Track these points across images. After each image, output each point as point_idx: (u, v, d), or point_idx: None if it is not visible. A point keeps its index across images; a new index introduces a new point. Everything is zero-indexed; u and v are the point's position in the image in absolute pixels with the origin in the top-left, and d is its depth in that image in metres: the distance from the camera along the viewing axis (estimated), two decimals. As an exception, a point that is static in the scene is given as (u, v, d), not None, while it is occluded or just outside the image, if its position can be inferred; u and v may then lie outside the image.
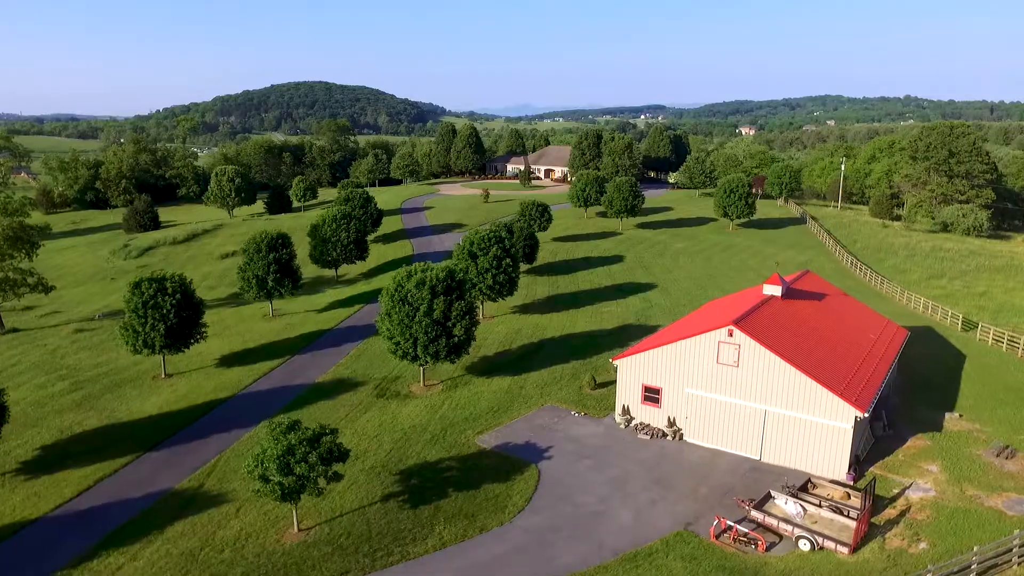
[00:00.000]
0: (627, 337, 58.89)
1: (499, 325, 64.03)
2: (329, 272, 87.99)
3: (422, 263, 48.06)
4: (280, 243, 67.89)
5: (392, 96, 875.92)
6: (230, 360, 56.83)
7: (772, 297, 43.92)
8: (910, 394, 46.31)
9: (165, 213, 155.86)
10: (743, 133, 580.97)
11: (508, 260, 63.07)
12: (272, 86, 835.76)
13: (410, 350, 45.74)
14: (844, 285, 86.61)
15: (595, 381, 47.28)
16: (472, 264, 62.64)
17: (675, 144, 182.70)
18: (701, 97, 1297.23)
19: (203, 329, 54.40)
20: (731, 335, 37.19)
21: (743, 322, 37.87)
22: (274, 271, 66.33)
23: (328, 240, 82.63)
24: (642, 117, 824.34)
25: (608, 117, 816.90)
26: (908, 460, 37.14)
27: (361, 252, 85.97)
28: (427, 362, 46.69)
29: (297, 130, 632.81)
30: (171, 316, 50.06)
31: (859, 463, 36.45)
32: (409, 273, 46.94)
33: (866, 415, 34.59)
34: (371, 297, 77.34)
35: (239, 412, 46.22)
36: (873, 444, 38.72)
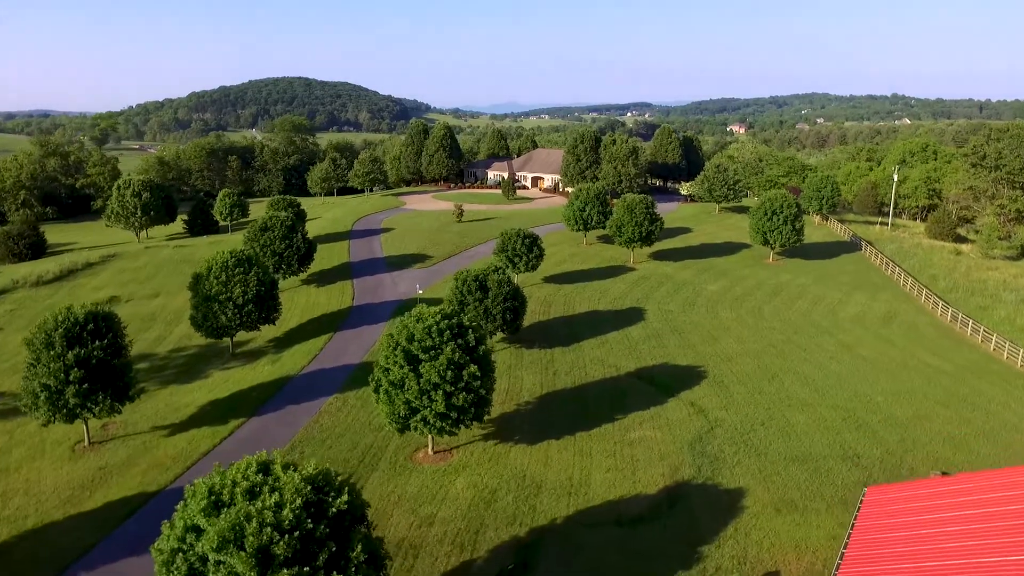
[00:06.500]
0: (688, 530, 32.06)
1: (458, 477, 37.07)
2: (224, 340, 60.57)
3: (261, 456, 20.97)
4: (92, 330, 40.37)
5: (375, 92, 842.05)
6: (-66, 587, 29.59)
7: None
8: None
9: (68, 233, 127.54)
10: (734, 131, 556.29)
11: (474, 368, 36.11)
12: (250, 82, 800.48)
13: None
14: (967, 359, 60.07)
15: None
16: (411, 376, 35.76)
17: (685, 148, 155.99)
18: (687, 94, 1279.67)
19: None
20: None
21: None
22: (77, 379, 38.87)
23: (214, 299, 55.24)
24: (629, 114, 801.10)
25: (595, 115, 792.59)
26: None
27: (268, 313, 58.50)
28: None
29: (274, 127, 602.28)
30: None
31: None
32: (231, 488, 19.83)
33: None
34: (271, 393, 50.20)
35: None
36: None
